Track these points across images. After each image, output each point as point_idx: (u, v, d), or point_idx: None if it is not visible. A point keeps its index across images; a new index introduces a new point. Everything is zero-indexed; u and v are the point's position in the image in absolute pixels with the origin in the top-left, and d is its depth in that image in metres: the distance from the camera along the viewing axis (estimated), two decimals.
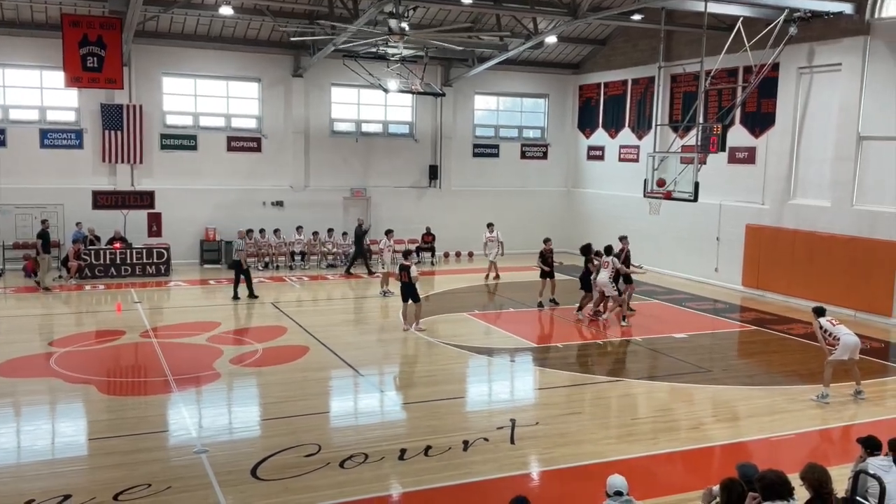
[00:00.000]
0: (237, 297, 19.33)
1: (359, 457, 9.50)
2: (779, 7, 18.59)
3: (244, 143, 25.20)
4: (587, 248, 18.18)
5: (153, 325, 16.63)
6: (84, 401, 11.78)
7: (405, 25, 18.69)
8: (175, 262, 23.39)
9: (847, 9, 18.50)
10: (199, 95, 24.76)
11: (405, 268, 16.34)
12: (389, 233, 21.05)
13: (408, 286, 16.32)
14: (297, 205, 25.51)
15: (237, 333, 16.25)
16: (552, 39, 23.98)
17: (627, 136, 26.41)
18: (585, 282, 17.94)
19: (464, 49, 24.13)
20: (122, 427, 10.51)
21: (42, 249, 20.27)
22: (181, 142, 24.45)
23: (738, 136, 21.68)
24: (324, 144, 26.12)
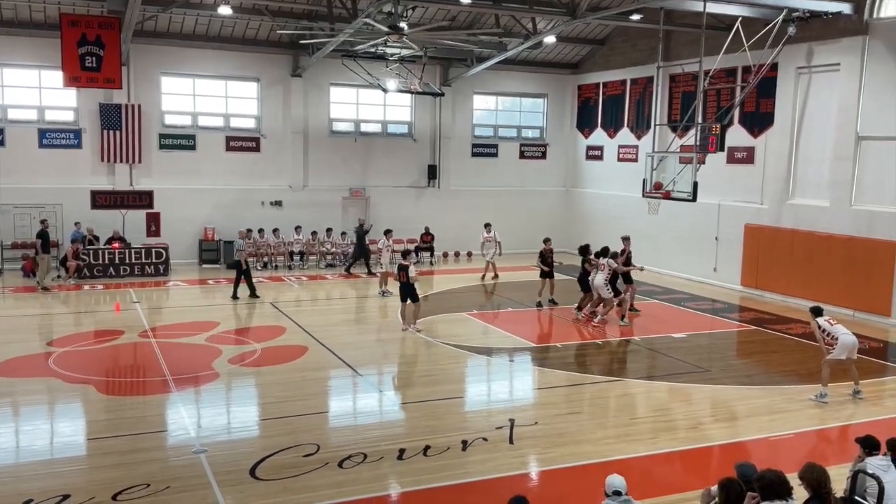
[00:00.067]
0: (236, 297, 19.33)
1: (357, 457, 9.50)
2: (777, 7, 18.59)
3: (243, 143, 25.19)
4: (585, 249, 18.20)
5: (152, 325, 16.63)
6: (83, 401, 11.77)
7: (404, 25, 18.69)
8: (174, 262, 23.39)
9: (846, 9, 18.51)
10: (198, 95, 24.74)
11: (404, 268, 16.33)
12: (388, 233, 21.06)
13: (406, 286, 16.32)
14: (296, 204, 25.50)
15: (236, 333, 16.24)
16: (551, 39, 23.98)
17: (626, 136, 26.42)
18: (583, 283, 17.96)
19: (463, 49, 24.13)
20: (121, 427, 10.51)
21: (41, 249, 20.26)
22: (180, 141, 24.43)
23: (737, 136, 21.70)
24: (323, 144, 26.11)
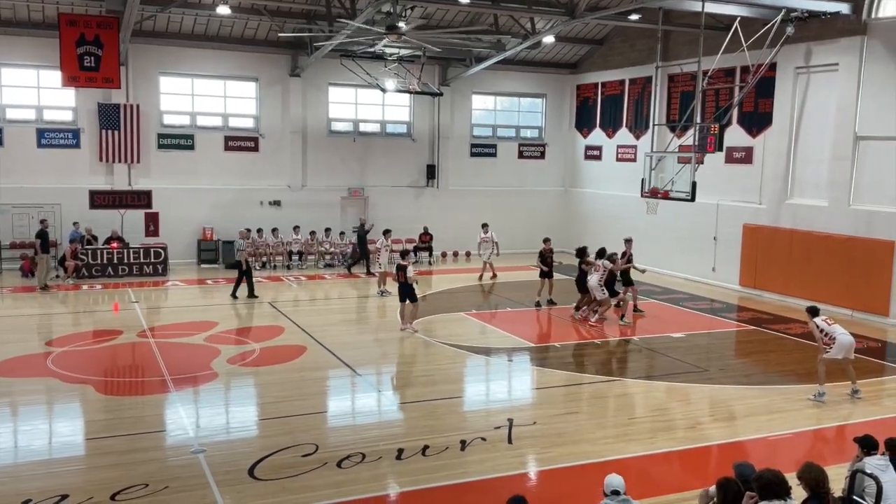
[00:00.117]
0: (236, 297, 19.35)
1: (356, 456, 9.49)
2: (776, 7, 18.62)
3: (241, 143, 25.17)
4: (582, 251, 18.20)
5: (150, 325, 16.62)
6: (81, 401, 11.77)
7: (403, 25, 18.68)
8: (172, 262, 23.38)
9: (844, 9, 18.53)
10: (197, 95, 24.72)
11: (402, 268, 16.34)
12: (387, 233, 21.07)
13: (405, 286, 16.32)
14: (295, 204, 25.49)
15: (235, 333, 16.24)
16: (550, 39, 23.98)
17: (625, 136, 26.42)
18: (581, 284, 17.95)
19: (461, 49, 24.13)
20: (120, 427, 10.50)
21: (41, 249, 20.25)
22: (178, 141, 24.41)
23: (736, 136, 21.73)
24: (321, 144, 26.10)
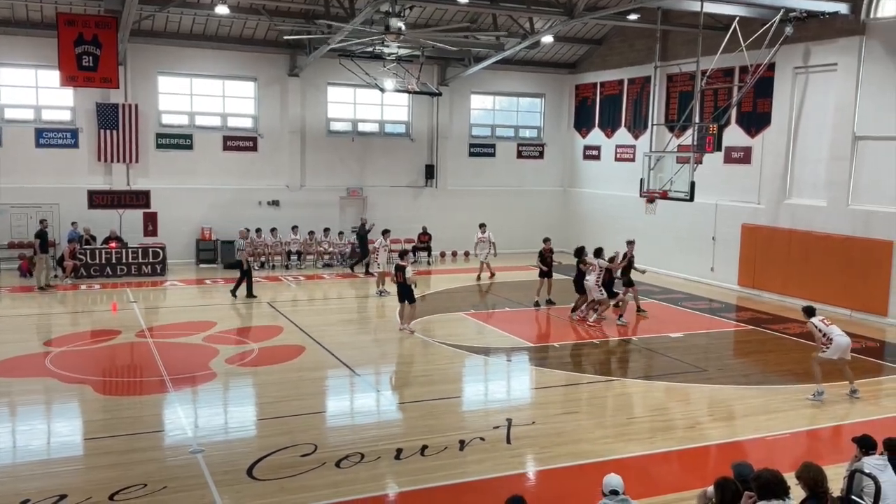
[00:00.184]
0: (235, 295, 19.36)
1: (355, 456, 9.49)
2: (775, 7, 18.62)
3: (240, 143, 25.16)
4: (580, 251, 18.19)
5: (149, 325, 16.62)
6: (80, 401, 11.75)
7: (401, 24, 18.68)
8: (171, 262, 23.37)
9: (843, 9, 18.54)
10: (195, 95, 24.70)
11: (401, 268, 16.33)
12: (386, 233, 21.07)
13: (404, 286, 16.31)
14: (294, 204, 25.47)
15: (233, 333, 16.23)
16: (548, 39, 23.98)
17: (624, 136, 26.43)
18: (578, 284, 17.94)
19: (460, 49, 24.12)
20: (118, 427, 10.49)
21: (40, 249, 20.22)
22: (177, 141, 24.40)
23: (734, 136, 21.74)
24: (320, 144, 26.09)
